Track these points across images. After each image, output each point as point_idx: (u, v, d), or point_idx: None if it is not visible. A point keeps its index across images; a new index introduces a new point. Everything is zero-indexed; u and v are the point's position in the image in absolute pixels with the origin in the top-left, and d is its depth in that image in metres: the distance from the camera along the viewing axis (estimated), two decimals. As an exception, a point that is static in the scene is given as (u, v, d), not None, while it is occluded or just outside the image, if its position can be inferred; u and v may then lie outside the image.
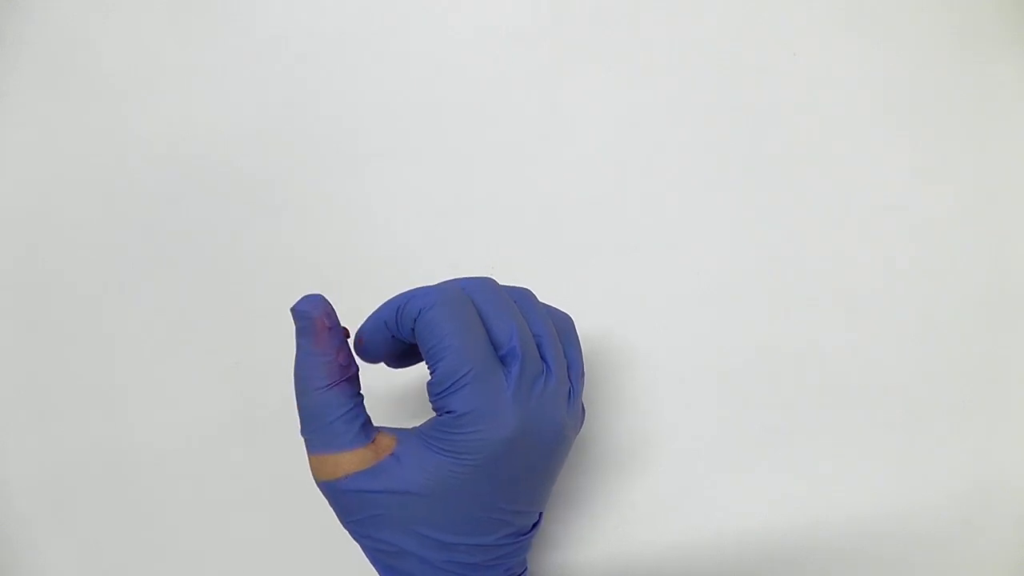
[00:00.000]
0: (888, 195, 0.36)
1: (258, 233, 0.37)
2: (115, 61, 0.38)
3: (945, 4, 0.36)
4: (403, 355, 0.28)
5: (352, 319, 0.36)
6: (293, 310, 0.26)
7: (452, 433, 0.24)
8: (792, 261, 0.35)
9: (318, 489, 0.26)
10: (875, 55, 0.36)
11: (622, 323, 0.35)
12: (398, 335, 0.26)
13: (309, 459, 0.26)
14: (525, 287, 0.28)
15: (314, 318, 0.26)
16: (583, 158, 0.37)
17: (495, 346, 0.25)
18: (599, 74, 0.37)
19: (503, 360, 0.25)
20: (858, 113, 0.36)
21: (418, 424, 0.26)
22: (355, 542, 0.27)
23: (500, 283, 0.27)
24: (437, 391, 0.25)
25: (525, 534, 0.27)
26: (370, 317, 0.27)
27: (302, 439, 0.26)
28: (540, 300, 0.28)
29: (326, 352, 0.26)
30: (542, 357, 0.26)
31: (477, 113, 0.37)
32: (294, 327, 0.26)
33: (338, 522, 0.26)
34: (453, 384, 0.24)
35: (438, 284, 0.27)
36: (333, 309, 0.26)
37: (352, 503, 0.25)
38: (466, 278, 0.27)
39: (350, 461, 0.25)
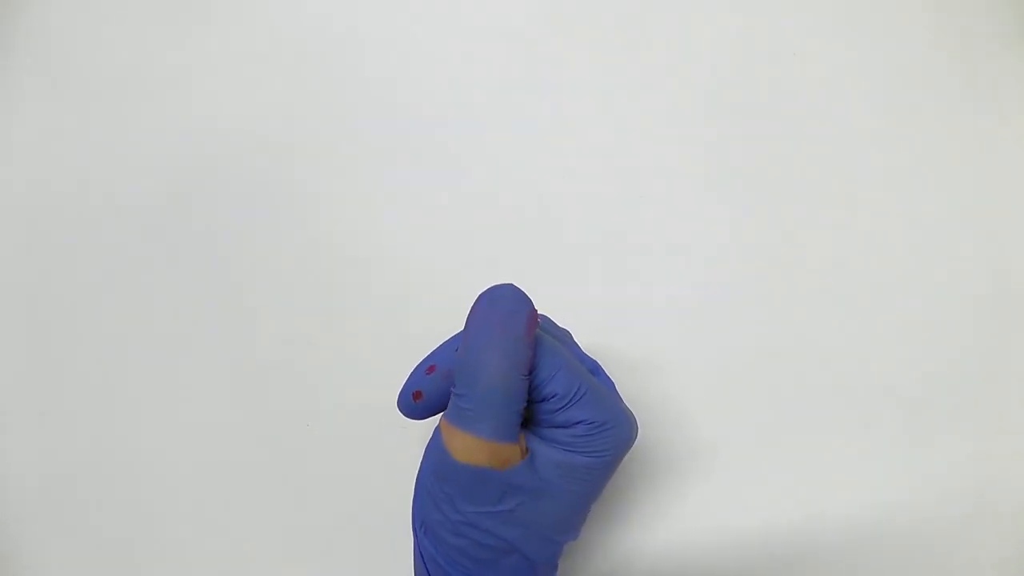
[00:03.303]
0: (888, 195, 0.36)
1: (258, 233, 0.37)
2: (114, 61, 0.38)
3: (945, 4, 0.36)
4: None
5: (352, 319, 0.36)
6: (515, 291, 0.26)
7: (590, 437, 0.26)
8: (792, 261, 0.35)
9: (456, 470, 0.25)
10: (875, 55, 0.36)
11: (622, 323, 0.35)
12: None
13: (472, 442, 0.25)
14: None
15: (531, 308, 0.26)
16: (583, 158, 0.37)
17: None
18: (599, 74, 0.37)
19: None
20: (858, 113, 0.36)
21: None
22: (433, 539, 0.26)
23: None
24: (558, 406, 0.26)
25: None
26: (428, 375, 0.27)
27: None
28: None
29: (531, 345, 0.25)
30: None
31: (477, 113, 0.37)
32: (498, 305, 0.25)
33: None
34: (574, 396, 0.26)
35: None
36: None
37: (504, 494, 0.25)
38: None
39: (514, 453, 0.25)
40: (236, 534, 0.36)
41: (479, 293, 0.26)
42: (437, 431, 0.26)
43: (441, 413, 0.28)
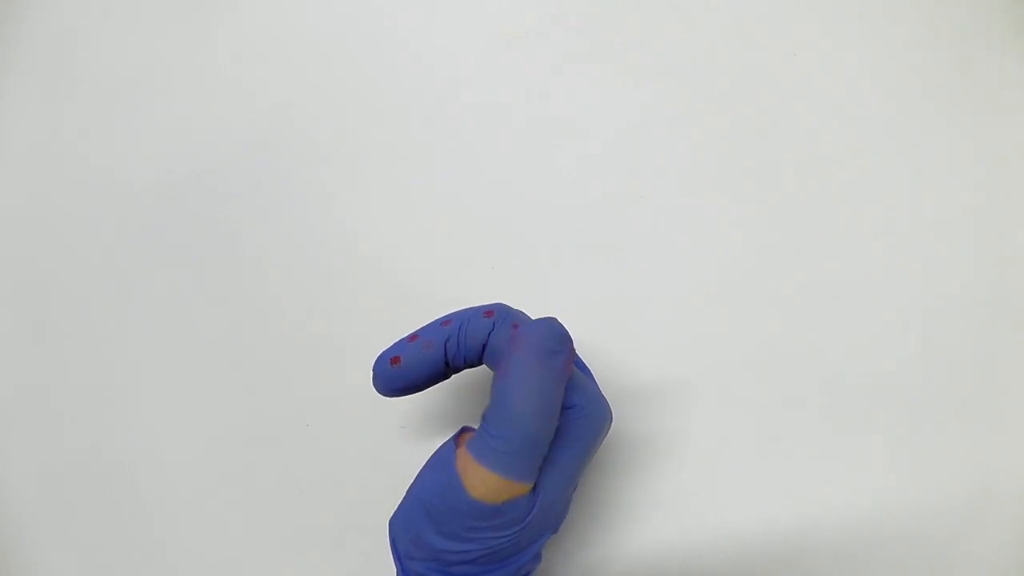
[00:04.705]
0: (888, 195, 0.36)
1: (258, 233, 0.37)
2: (115, 61, 0.38)
3: (946, 3, 0.36)
4: (428, 382, 0.28)
5: (352, 319, 0.36)
6: (560, 330, 0.26)
7: (574, 422, 0.26)
8: (792, 261, 0.35)
9: (468, 505, 0.25)
10: (875, 55, 0.36)
11: (622, 324, 0.35)
12: (455, 358, 0.27)
13: (496, 482, 0.24)
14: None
15: (571, 347, 0.26)
16: (582, 159, 0.37)
17: None
18: (598, 75, 0.37)
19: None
20: (858, 113, 0.36)
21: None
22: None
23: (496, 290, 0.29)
24: None
25: None
26: (411, 343, 0.27)
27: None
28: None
29: (564, 386, 0.26)
30: None
31: (476, 114, 0.37)
32: (543, 346, 0.25)
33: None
34: None
35: (469, 310, 0.28)
36: None
37: (509, 522, 0.25)
38: (476, 307, 0.28)
39: (527, 488, 0.25)
40: (236, 534, 0.36)
41: (524, 325, 0.26)
42: (449, 455, 0.26)
43: (421, 391, 0.28)
